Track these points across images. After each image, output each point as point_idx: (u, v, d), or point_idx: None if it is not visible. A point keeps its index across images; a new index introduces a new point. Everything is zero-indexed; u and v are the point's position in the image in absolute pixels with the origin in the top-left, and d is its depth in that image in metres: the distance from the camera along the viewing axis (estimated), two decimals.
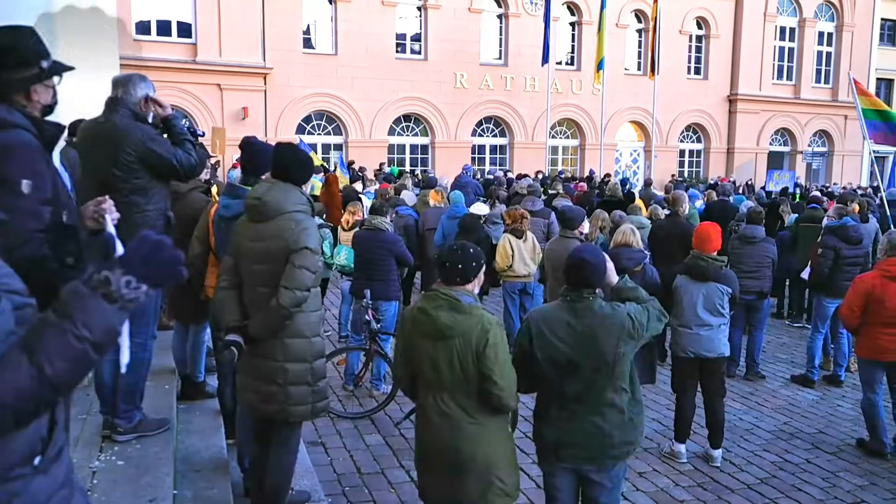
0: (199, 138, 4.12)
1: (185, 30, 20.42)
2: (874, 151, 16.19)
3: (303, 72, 21.78)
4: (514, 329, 7.89)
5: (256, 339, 3.58)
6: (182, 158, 3.74)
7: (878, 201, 12.11)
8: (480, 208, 8.81)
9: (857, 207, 9.61)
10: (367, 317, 6.30)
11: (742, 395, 7.19)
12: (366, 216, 7.47)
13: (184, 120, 5.42)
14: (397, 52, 23.43)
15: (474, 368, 3.11)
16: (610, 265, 3.53)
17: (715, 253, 5.56)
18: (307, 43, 22.38)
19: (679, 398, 5.71)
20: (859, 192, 18.81)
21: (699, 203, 12.08)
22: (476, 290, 3.33)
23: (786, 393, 7.34)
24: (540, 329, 3.39)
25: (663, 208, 9.77)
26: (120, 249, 2.36)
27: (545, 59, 21.49)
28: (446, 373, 3.18)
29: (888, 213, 9.85)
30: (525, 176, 17.52)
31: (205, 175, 5.34)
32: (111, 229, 2.59)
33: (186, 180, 4.16)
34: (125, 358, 1.68)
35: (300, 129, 22.39)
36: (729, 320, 5.64)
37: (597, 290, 3.45)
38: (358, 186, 13.64)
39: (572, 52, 26.28)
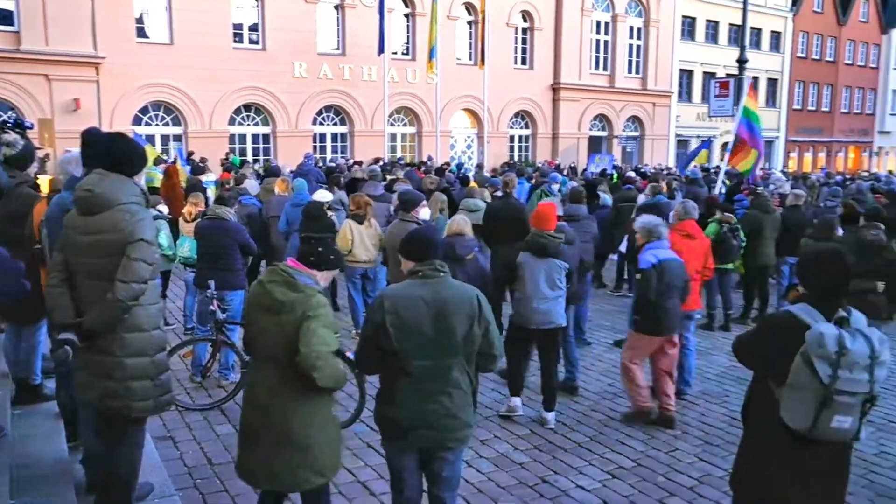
0: (27, 130, 3.90)
1: (5, 17, 18.69)
2: (685, 136, 17.83)
3: (137, 61, 20.59)
4: (358, 313, 8.09)
5: (92, 336, 3.49)
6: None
7: (683, 179, 13.50)
8: (323, 195, 8.87)
9: (665, 186, 10.68)
10: (212, 307, 6.21)
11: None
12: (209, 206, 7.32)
13: (9, 112, 5.05)
14: (235, 41, 22.75)
15: (295, 344, 3.20)
16: None
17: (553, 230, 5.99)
18: (141, 32, 21.21)
19: (512, 366, 6.12)
20: (665, 172, 20.80)
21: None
22: (323, 284, 3.45)
23: (610, 357, 8.05)
24: (393, 305, 3.39)
25: (496, 190, 10.31)
26: None
27: (381, 50, 21.68)
28: (273, 347, 3.28)
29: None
30: (376, 161, 17.63)
31: (33, 169, 5.02)
32: None
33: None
34: None
35: (137, 121, 21.27)
36: (564, 294, 6.06)
37: (446, 268, 3.56)
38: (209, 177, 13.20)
39: (407, 42, 26.66)
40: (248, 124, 23.97)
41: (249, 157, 22.38)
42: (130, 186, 3.57)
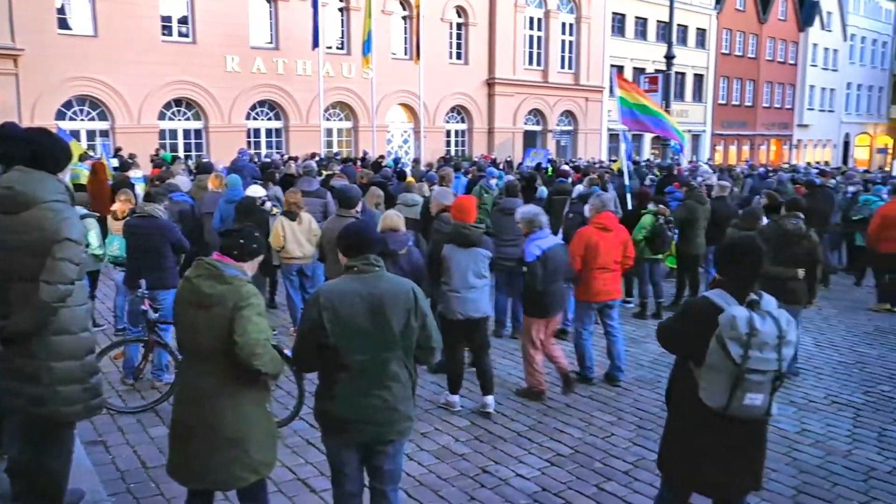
0: None
1: None
2: (617, 130, 18.24)
3: (60, 54, 19.79)
4: (296, 310, 8.01)
5: (16, 340, 3.37)
6: None
7: (616, 172, 13.81)
8: (257, 191, 8.73)
9: (598, 178, 10.93)
10: (143, 307, 6.05)
11: (510, 353, 7.90)
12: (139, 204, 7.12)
13: None
14: (164, 34, 22.12)
15: (229, 336, 3.19)
16: None
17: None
18: (63, 23, 20.37)
19: (449, 357, 6.16)
20: (597, 165, 21.25)
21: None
22: (250, 273, 3.44)
23: None
24: (329, 301, 3.35)
25: (433, 184, 10.33)
26: None
27: (315, 44, 21.46)
28: (204, 342, 3.26)
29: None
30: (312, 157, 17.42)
31: None
32: None
33: None
34: None
35: (60, 115, 20.48)
36: (489, 282, 6.25)
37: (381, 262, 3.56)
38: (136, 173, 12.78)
39: (342, 37, 26.42)
40: (179, 119, 23.36)
41: (181, 153, 21.78)
42: (54, 183, 3.46)
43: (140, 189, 11.16)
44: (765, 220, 7.93)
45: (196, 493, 3.50)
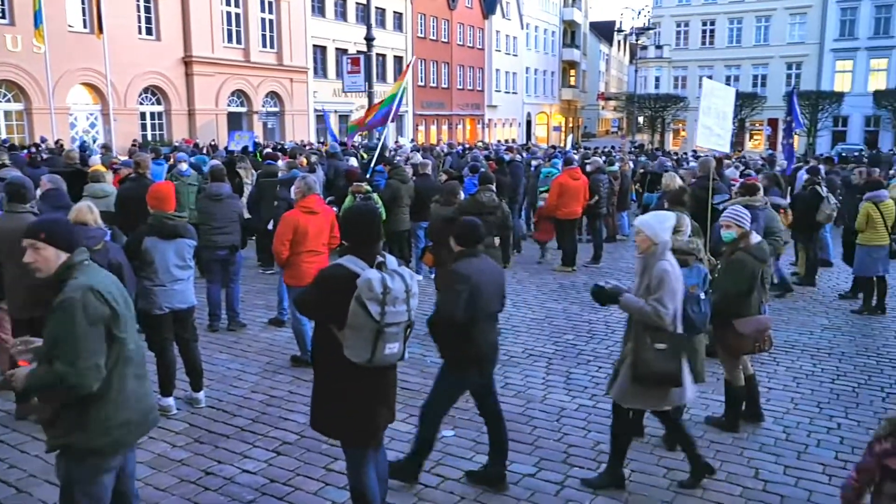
0: None
1: None
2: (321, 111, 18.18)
3: None
4: None
5: None
6: None
7: (325, 154, 13.85)
8: None
9: (304, 161, 10.90)
10: None
11: (227, 346, 7.61)
12: None
13: None
14: None
15: None
16: None
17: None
18: None
19: (161, 356, 5.78)
20: (307, 147, 21.24)
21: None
22: None
23: (265, 336, 8.02)
24: None
25: (131, 172, 9.46)
26: None
27: None
28: None
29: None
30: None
31: None
32: None
33: None
34: None
35: None
36: (194, 273, 5.98)
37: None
38: None
39: (3, 4, 22.84)
40: None
41: None
42: None
43: None
44: (462, 195, 8.56)
45: None
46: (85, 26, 24.74)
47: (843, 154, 29.49)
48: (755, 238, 5.59)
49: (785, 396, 6.39)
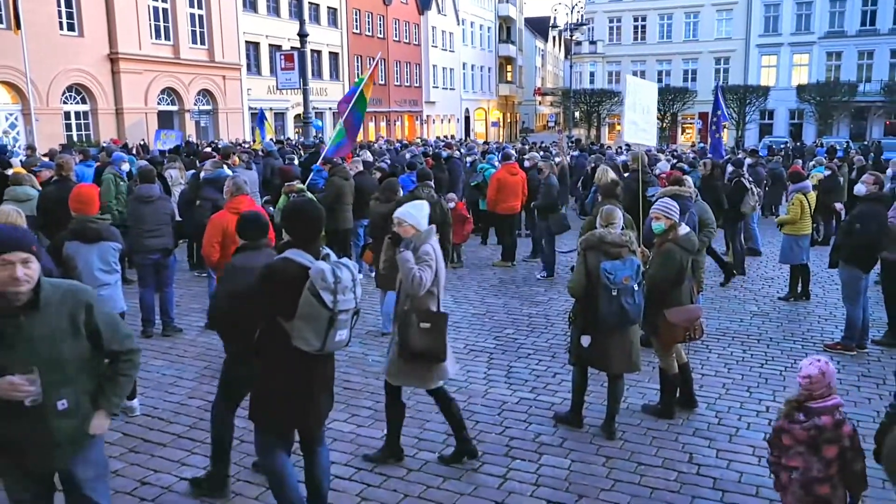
0: None
1: None
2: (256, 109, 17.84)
3: None
4: None
5: None
6: None
7: (260, 153, 13.62)
8: None
9: (236, 160, 10.70)
10: None
11: (162, 351, 7.42)
12: None
13: None
14: None
15: None
16: None
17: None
18: None
19: None
20: (242, 146, 20.85)
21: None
22: None
23: (202, 340, 7.83)
24: None
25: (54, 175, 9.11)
26: None
27: None
28: None
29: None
30: None
31: None
32: None
33: None
34: None
35: None
36: (119, 277, 5.87)
37: None
38: None
39: None
40: None
41: None
42: None
43: None
44: (401, 192, 8.54)
45: None
46: (1, 21, 23.66)
47: (772, 146, 30.68)
48: (683, 229, 5.74)
49: (717, 382, 6.61)
